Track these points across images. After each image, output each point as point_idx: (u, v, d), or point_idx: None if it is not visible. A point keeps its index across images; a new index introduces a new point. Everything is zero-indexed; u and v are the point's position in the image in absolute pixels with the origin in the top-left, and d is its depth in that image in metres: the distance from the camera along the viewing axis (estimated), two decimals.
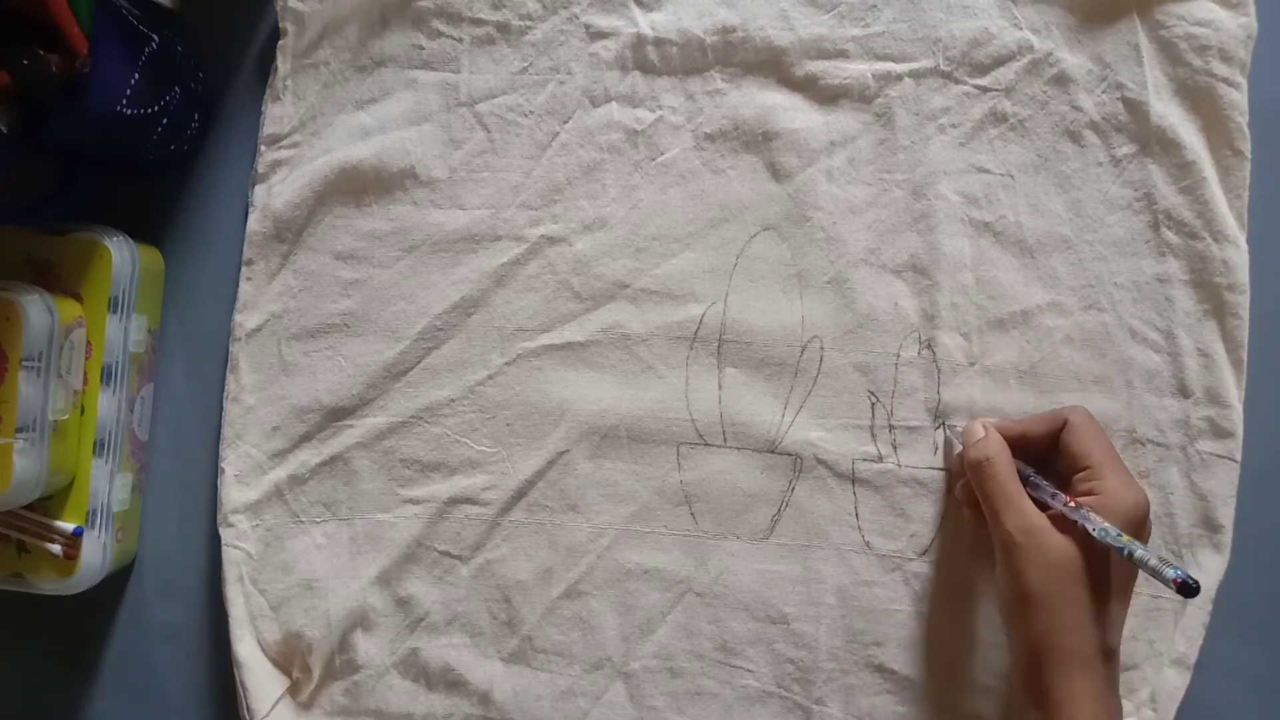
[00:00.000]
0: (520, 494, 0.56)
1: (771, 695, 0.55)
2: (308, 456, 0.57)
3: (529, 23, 0.58)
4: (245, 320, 0.57)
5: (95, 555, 0.55)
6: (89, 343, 0.55)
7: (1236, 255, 0.55)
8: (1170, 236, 0.55)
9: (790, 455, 0.56)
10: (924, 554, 0.55)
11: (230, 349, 0.57)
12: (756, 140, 0.57)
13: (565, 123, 0.57)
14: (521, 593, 0.56)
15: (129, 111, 0.53)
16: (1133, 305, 0.55)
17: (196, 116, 0.59)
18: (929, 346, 0.56)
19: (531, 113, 0.57)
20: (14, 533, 0.54)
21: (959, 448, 0.53)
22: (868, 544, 0.55)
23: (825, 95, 0.57)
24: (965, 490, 0.52)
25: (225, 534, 0.56)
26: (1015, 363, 0.55)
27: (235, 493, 0.56)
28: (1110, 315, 0.55)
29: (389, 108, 0.58)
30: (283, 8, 0.57)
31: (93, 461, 0.54)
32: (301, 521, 0.57)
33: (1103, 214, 0.56)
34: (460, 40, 0.58)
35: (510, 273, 0.57)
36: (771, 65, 0.57)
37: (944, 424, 0.55)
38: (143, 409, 0.59)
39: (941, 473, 0.55)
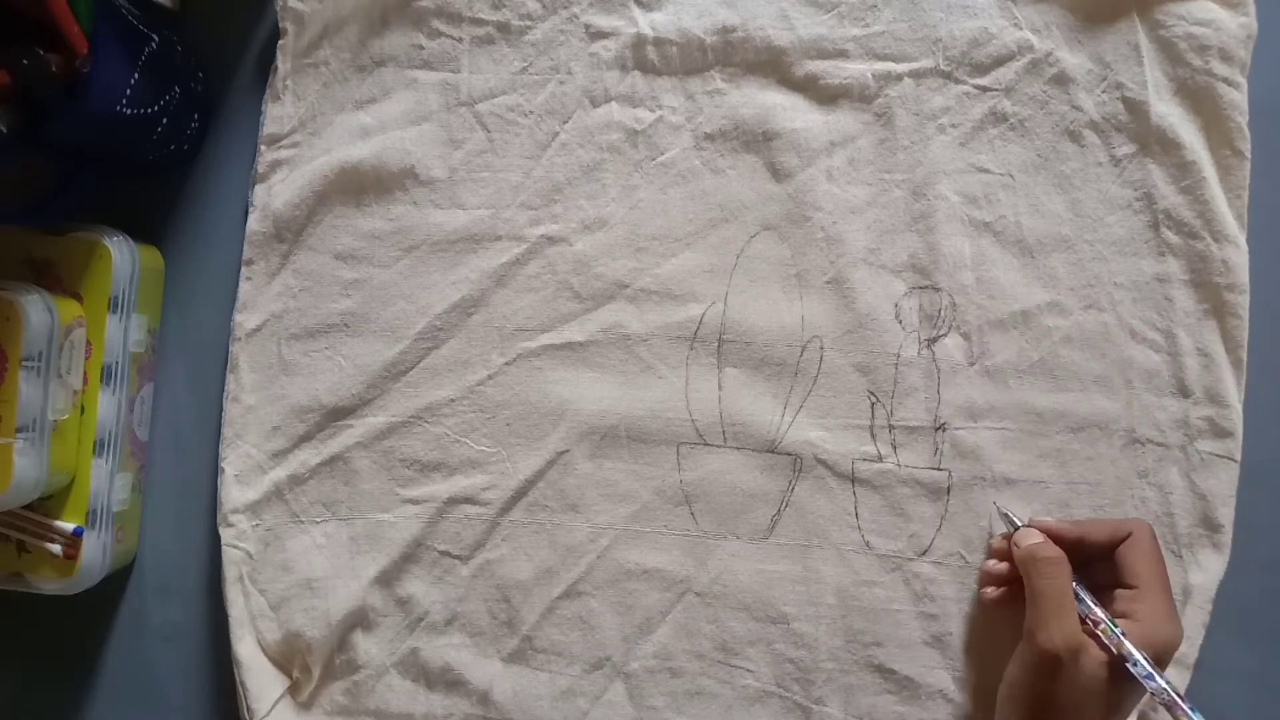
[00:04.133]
0: (520, 494, 0.56)
1: (771, 695, 0.55)
2: (308, 456, 0.57)
3: (529, 22, 0.58)
4: (245, 320, 0.57)
5: (95, 555, 0.55)
6: (89, 343, 0.55)
7: (1236, 255, 0.55)
8: (1170, 236, 0.55)
9: (790, 455, 0.56)
10: (924, 554, 0.55)
11: (230, 349, 0.57)
12: (756, 140, 0.57)
13: (565, 123, 0.57)
14: (521, 593, 0.56)
15: (129, 111, 0.53)
16: (1133, 305, 0.55)
17: (196, 116, 0.59)
18: (929, 347, 0.56)
19: (531, 113, 0.57)
20: (14, 533, 0.54)
21: (1000, 525, 0.54)
22: (868, 544, 0.55)
23: (825, 95, 0.57)
24: (995, 573, 0.52)
25: (225, 534, 0.56)
26: (1015, 363, 0.55)
27: (235, 492, 0.56)
28: (1110, 315, 0.55)
29: (389, 108, 0.58)
30: (283, 8, 0.57)
31: (93, 461, 0.54)
32: (301, 521, 0.57)
33: (1102, 214, 0.56)
34: (460, 40, 0.58)
35: (510, 272, 0.57)
36: (771, 65, 0.57)
37: (996, 505, 0.54)
38: (143, 409, 0.59)
39: (942, 472, 0.55)
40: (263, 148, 0.58)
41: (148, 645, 0.59)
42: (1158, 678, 0.46)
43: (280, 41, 0.57)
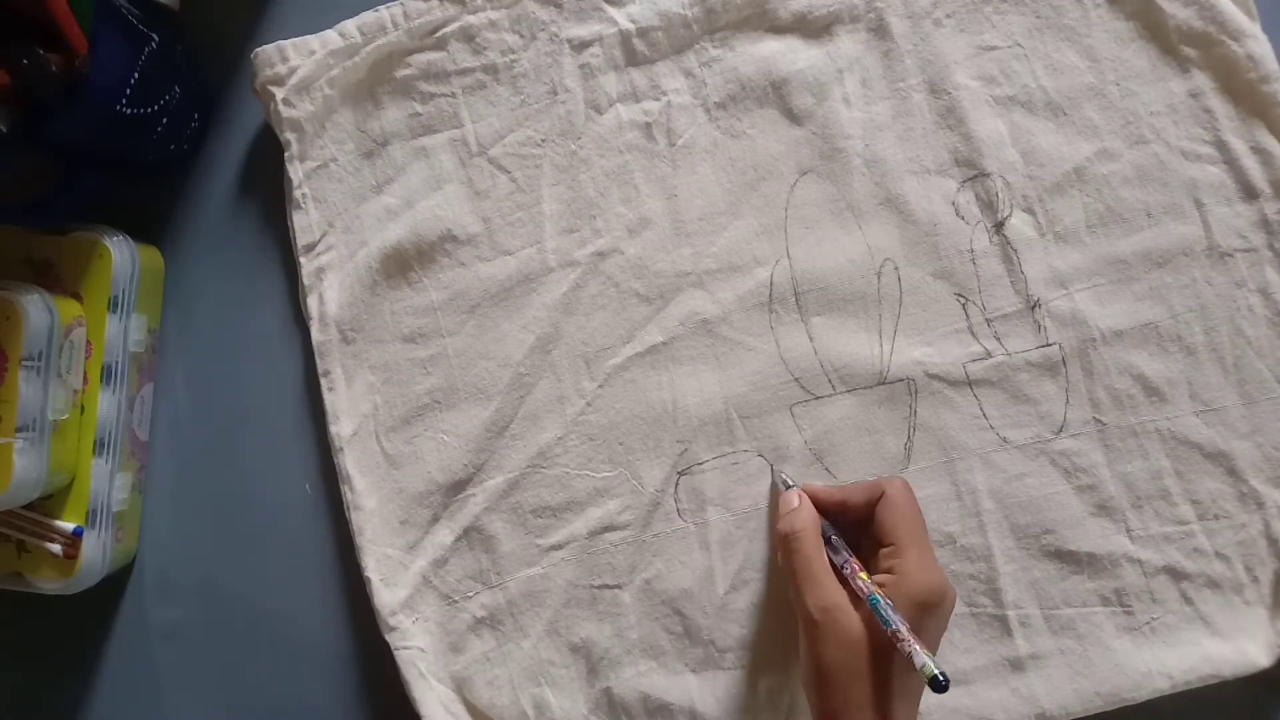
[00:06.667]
0: (655, 505, 0.56)
1: (964, 615, 0.54)
2: (442, 537, 0.56)
3: (512, 56, 0.58)
4: (340, 429, 0.57)
5: (95, 555, 0.55)
6: (89, 342, 0.55)
7: (1259, 47, 0.55)
8: (1188, 51, 0.56)
9: (901, 380, 0.55)
10: (1060, 431, 0.55)
11: (335, 461, 0.57)
12: (766, 93, 0.57)
13: (578, 139, 0.57)
14: (689, 600, 0.55)
15: (129, 111, 0.53)
16: (1175, 128, 0.55)
17: (196, 116, 0.59)
18: (998, 232, 0.55)
19: (543, 141, 0.57)
20: (14, 532, 0.54)
21: (784, 489, 0.53)
22: (1004, 439, 0.55)
23: (817, 28, 0.57)
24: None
25: (392, 639, 0.55)
26: (1084, 219, 0.55)
27: (386, 596, 0.55)
28: (1158, 144, 0.55)
29: (407, 182, 0.58)
30: (278, 119, 0.57)
31: (93, 461, 0.54)
32: (455, 601, 0.56)
33: (1117, 51, 0.56)
34: (453, 95, 0.58)
35: (574, 299, 0.57)
36: (758, 17, 0.57)
37: (773, 468, 0.55)
38: (143, 409, 0.58)
39: (1051, 347, 0.55)
40: (301, 260, 0.57)
41: (148, 645, 0.59)
42: (889, 615, 0.45)
43: (286, 154, 0.57)
